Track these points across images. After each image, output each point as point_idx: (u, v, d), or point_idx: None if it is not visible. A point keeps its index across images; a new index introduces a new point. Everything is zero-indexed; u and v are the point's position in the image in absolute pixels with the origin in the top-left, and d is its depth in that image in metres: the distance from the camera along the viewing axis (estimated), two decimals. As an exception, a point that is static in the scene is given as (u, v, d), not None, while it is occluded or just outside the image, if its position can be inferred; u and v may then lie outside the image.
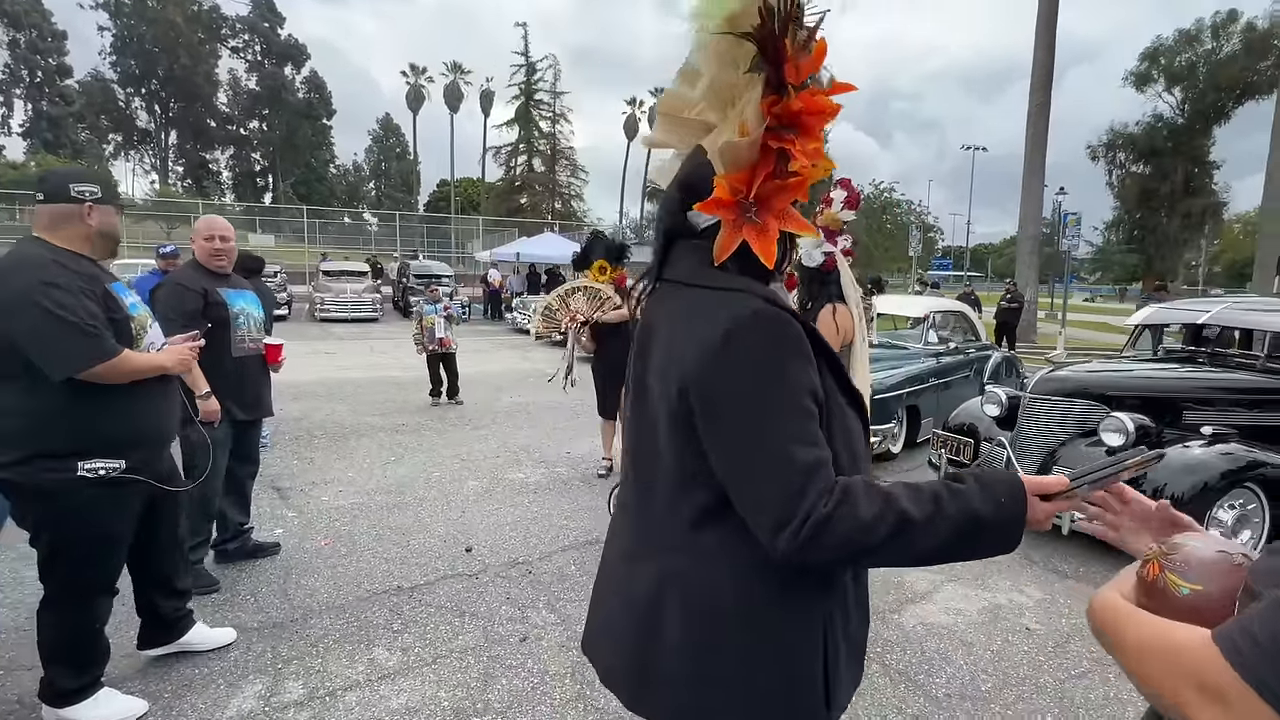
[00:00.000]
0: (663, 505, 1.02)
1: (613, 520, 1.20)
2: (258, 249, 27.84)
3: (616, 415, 5.05)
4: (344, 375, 9.66)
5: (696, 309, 0.97)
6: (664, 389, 0.97)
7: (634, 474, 1.10)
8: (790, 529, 0.84)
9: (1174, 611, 0.68)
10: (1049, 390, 4.21)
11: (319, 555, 3.65)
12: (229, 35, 57.72)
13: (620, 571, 1.12)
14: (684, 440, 0.95)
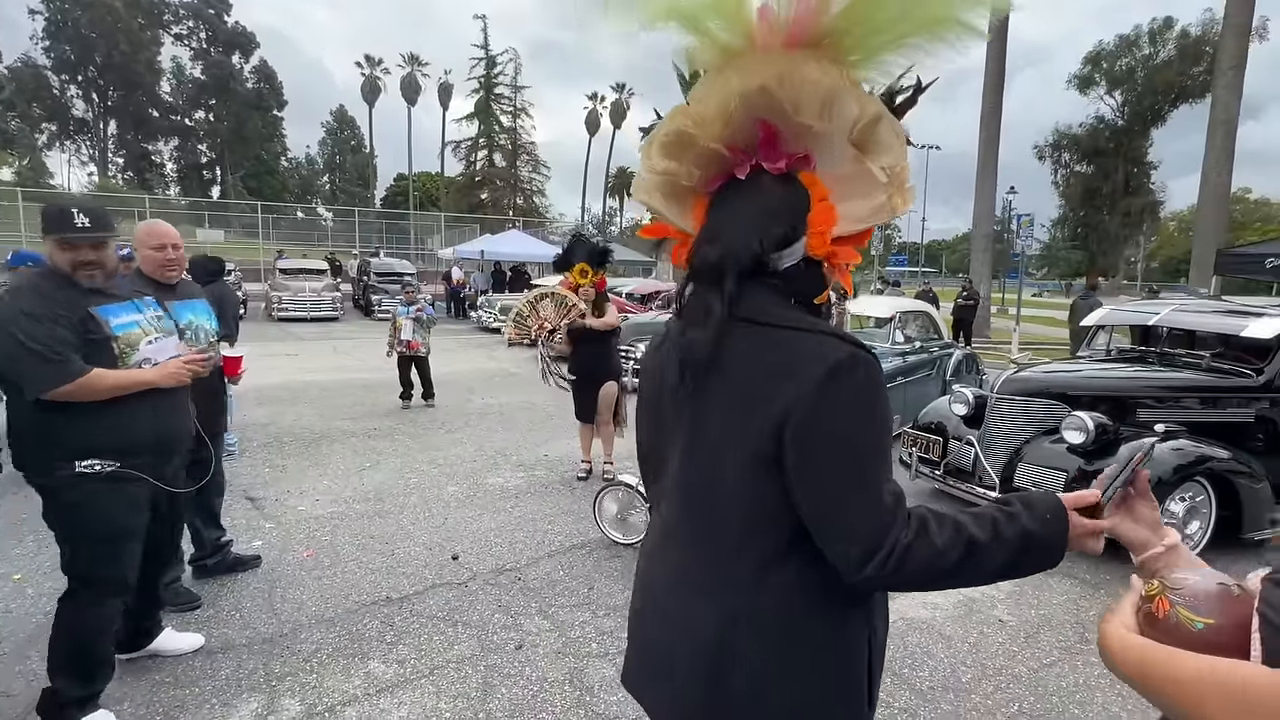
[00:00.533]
0: (729, 544, 1.01)
1: (654, 551, 1.16)
2: (205, 245, 26.89)
3: (594, 420, 5.09)
4: (309, 378, 9.45)
5: (783, 347, 0.97)
6: (745, 427, 0.97)
7: (684, 506, 1.09)
8: (878, 559, 0.89)
9: (1191, 647, 0.71)
10: (1013, 390, 4.40)
11: (302, 567, 3.60)
12: (172, 21, 55.40)
13: (675, 609, 1.08)
14: (768, 479, 0.96)
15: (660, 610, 1.12)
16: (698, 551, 1.06)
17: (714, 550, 1.03)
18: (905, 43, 0.94)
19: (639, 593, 1.20)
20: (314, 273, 19.14)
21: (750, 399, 0.97)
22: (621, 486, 3.95)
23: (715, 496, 1.02)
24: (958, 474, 4.62)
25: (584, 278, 4.86)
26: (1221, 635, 0.72)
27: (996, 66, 21.57)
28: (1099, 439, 3.97)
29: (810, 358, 0.94)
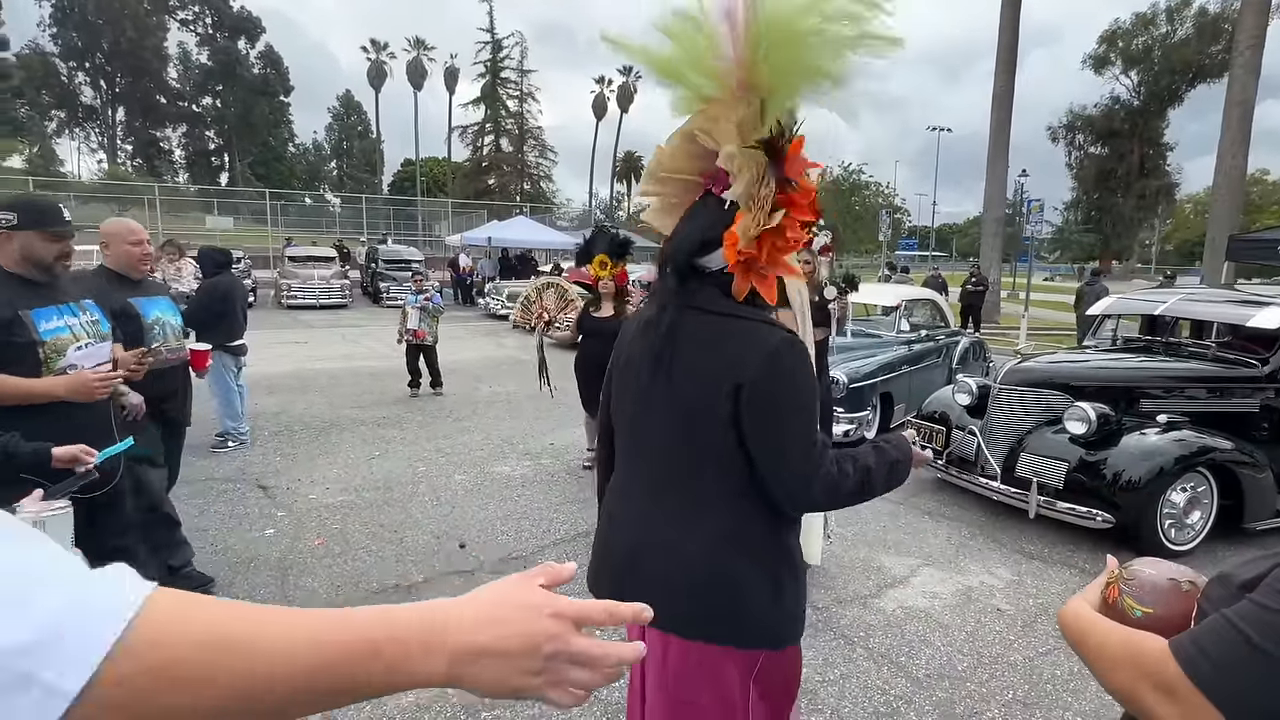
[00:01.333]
0: (710, 480, 1.32)
1: (625, 499, 1.46)
2: (215, 232, 27.04)
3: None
4: (318, 366, 9.55)
5: (730, 332, 1.28)
6: (707, 391, 1.28)
7: (653, 458, 1.40)
8: (815, 488, 1.27)
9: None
10: (1017, 381, 4.42)
11: (314, 555, 3.69)
12: (178, 7, 55.23)
13: (664, 535, 1.36)
14: (731, 430, 1.27)
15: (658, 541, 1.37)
16: (678, 491, 1.36)
17: (697, 487, 1.34)
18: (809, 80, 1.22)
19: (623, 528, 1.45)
20: (323, 260, 19.23)
21: (713, 370, 1.27)
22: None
23: (686, 447, 1.33)
24: (960, 464, 4.65)
25: (604, 270, 4.85)
26: (1158, 624, 0.80)
27: (1009, 47, 21.24)
28: (1101, 429, 3.99)
29: (755, 344, 1.25)
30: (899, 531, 4.24)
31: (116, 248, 2.99)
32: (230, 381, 5.55)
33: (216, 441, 5.56)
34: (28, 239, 2.20)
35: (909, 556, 3.87)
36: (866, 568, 3.71)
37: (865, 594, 3.41)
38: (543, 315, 4.86)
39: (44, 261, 2.24)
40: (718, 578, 1.31)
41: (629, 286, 5.18)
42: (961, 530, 4.27)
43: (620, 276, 4.93)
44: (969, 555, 3.91)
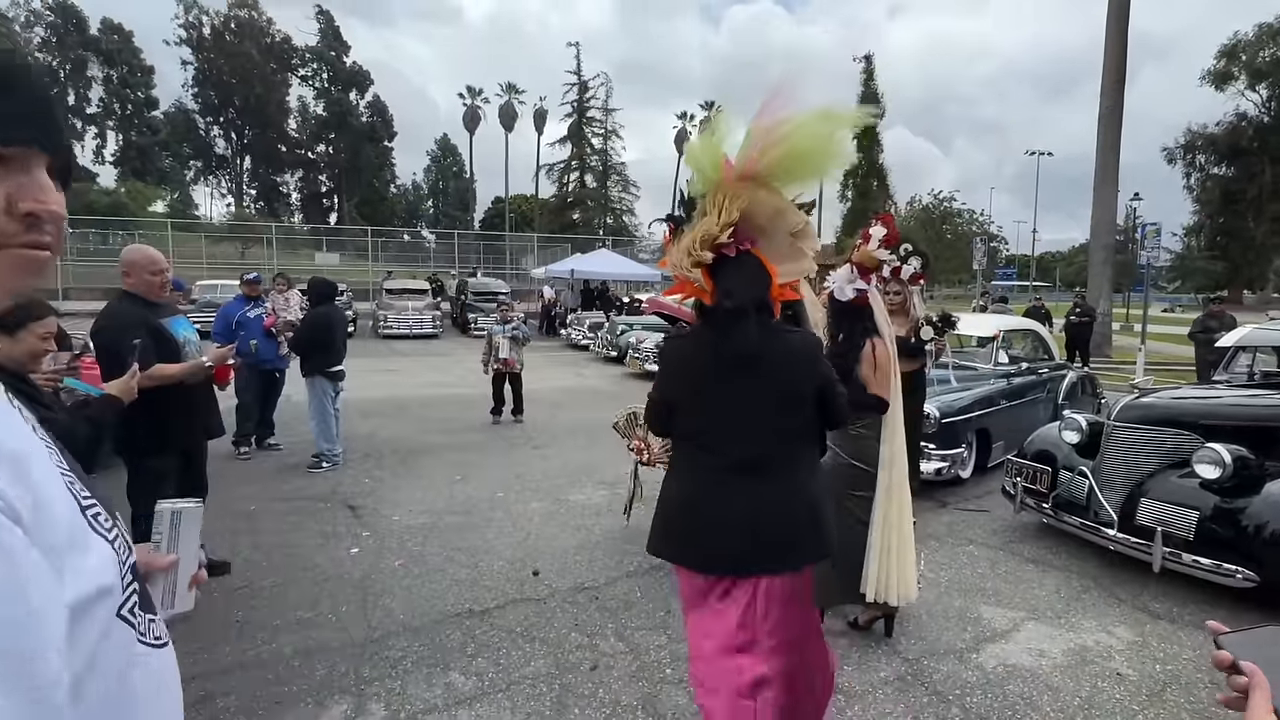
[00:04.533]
0: (791, 448, 1.94)
1: (732, 467, 1.90)
2: (323, 267, 29.12)
3: None
4: (408, 393, 9.98)
5: (796, 341, 1.96)
6: (794, 383, 1.91)
7: (754, 437, 1.90)
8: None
9: None
10: (1135, 418, 4.01)
11: (394, 575, 3.78)
12: (299, 65, 60.77)
13: (770, 490, 1.89)
14: (811, 409, 1.95)
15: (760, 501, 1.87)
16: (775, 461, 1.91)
17: (787, 456, 1.94)
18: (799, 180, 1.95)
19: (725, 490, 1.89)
20: (416, 293, 20.28)
21: (796, 369, 1.92)
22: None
23: (775, 427, 1.91)
24: (1068, 507, 4.24)
25: None
26: None
27: (1115, 65, 20.02)
28: (1238, 474, 3.54)
29: (810, 344, 2.00)
30: (999, 580, 3.89)
31: (138, 276, 3.23)
32: (328, 406, 5.86)
33: (312, 462, 5.86)
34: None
35: (1011, 608, 3.53)
36: (962, 618, 3.41)
37: (961, 647, 3.13)
38: (641, 449, 4.46)
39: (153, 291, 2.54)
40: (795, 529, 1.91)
41: None
42: (1072, 582, 3.87)
43: None
44: (1082, 610, 3.53)
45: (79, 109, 55.30)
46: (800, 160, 1.84)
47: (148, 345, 3.01)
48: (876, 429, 3.05)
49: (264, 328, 6.24)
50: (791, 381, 1.89)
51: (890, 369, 3.02)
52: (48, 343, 2.26)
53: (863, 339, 2.95)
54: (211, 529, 4.28)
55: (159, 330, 3.18)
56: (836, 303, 3.02)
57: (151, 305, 3.27)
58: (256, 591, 3.54)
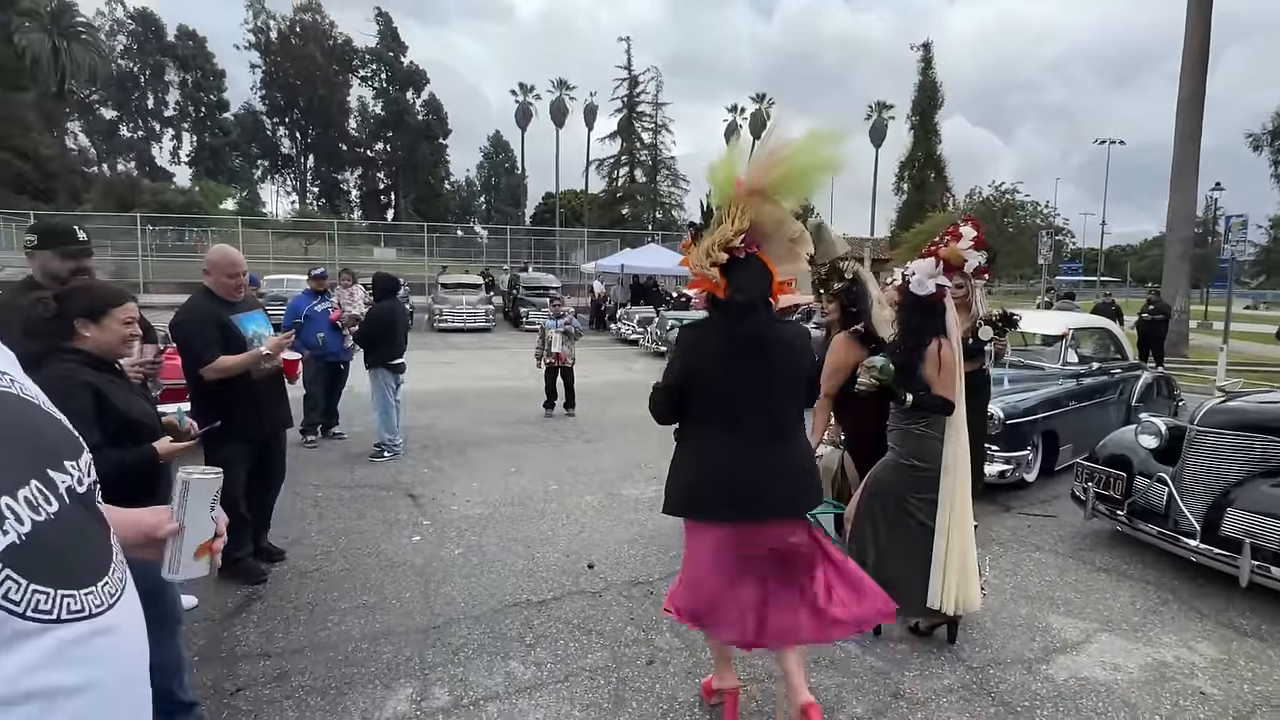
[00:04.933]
0: (795, 415, 2.38)
1: (749, 435, 2.27)
2: (381, 262, 30.01)
3: None
4: (463, 385, 10.21)
5: (790, 330, 2.42)
6: (797, 364, 2.35)
7: (765, 409, 2.28)
8: None
9: None
10: (1221, 423, 3.78)
11: (454, 564, 3.88)
12: (359, 65, 62.65)
13: (779, 451, 2.30)
14: (803, 386, 2.44)
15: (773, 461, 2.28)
16: (781, 426, 2.32)
17: (787, 420, 2.35)
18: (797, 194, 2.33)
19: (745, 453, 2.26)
20: (470, 287, 20.69)
21: (796, 353, 2.34)
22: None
23: (785, 397, 2.33)
24: (1145, 515, 4.05)
25: None
26: None
27: (1197, 47, 18.83)
28: (1339, 485, 3.31)
29: (803, 333, 2.47)
30: (1068, 588, 3.74)
31: (217, 277, 3.42)
32: (390, 398, 6.05)
33: (375, 452, 6.06)
34: (46, 258, 2.63)
35: (1082, 618, 3.39)
36: (1030, 627, 3.29)
37: (1029, 657, 3.02)
38: None
39: (58, 274, 2.62)
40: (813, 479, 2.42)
41: None
42: (1149, 593, 3.69)
43: None
44: (1160, 624, 3.36)
45: (157, 112, 58.42)
46: (798, 178, 2.26)
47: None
48: (939, 427, 2.97)
49: (330, 321, 6.48)
50: (790, 363, 2.31)
51: (956, 370, 2.94)
52: (131, 327, 2.38)
53: (929, 337, 2.88)
54: (284, 514, 4.49)
55: (228, 326, 3.37)
56: (911, 296, 2.95)
57: (227, 303, 3.44)
58: (326, 575, 3.69)
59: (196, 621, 3.15)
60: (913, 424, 2.94)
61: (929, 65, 52.07)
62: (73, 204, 41.04)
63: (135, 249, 25.83)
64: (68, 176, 46.28)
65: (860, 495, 3.09)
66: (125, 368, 2.56)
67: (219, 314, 3.38)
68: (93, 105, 53.24)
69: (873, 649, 3.04)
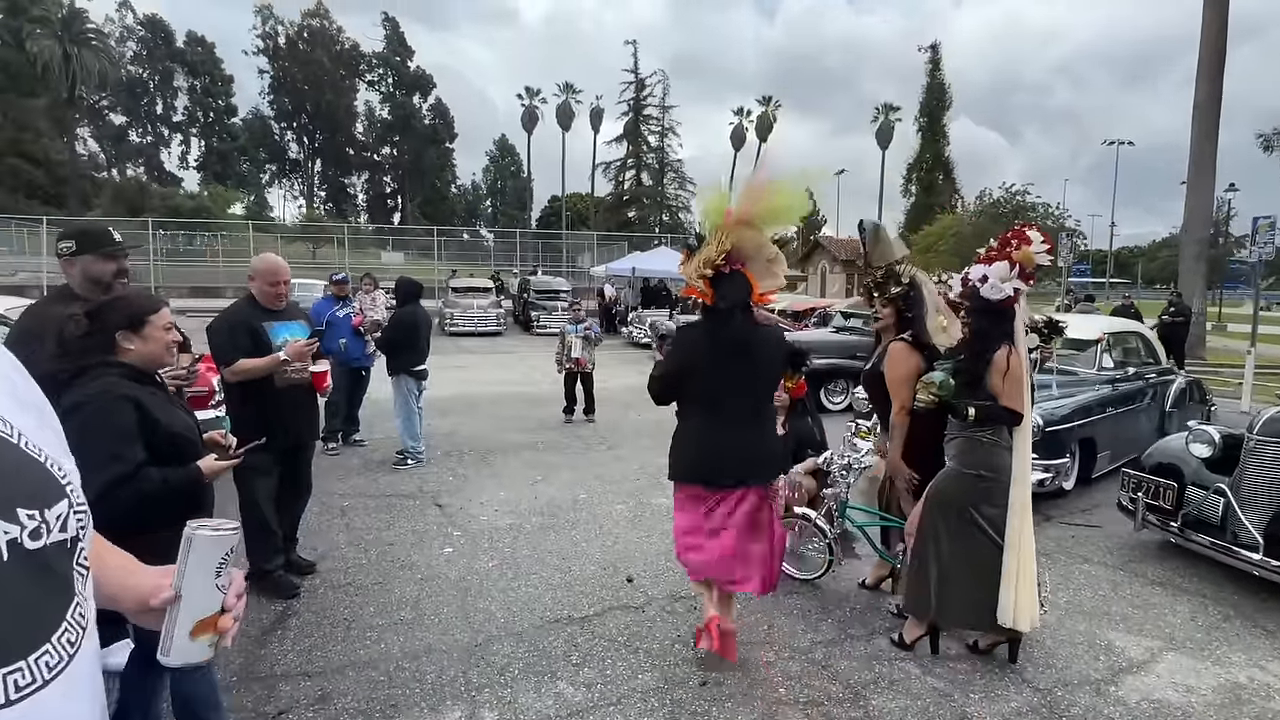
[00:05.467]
0: (768, 400, 3.00)
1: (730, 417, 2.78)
2: (389, 266, 30.01)
3: None
4: (479, 389, 10.13)
5: (766, 332, 2.88)
6: (774, 360, 2.90)
7: (745, 396, 2.79)
8: None
9: None
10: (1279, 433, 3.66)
11: (488, 577, 3.78)
12: (366, 70, 62.89)
13: (754, 432, 2.82)
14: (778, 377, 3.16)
15: (746, 436, 2.78)
16: (758, 408, 2.87)
17: (763, 403, 2.94)
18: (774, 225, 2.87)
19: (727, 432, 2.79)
20: (481, 290, 20.63)
21: (774, 350, 2.88)
22: (798, 519, 3.76)
23: (764, 386, 2.89)
24: (1199, 527, 3.92)
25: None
26: None
27: (1213, 48, 18.65)
28: None
29: (778, 335, 2.99)
30: (1123, 603, 3.62)
31: (260, 284, 3.40)
32: (412, 404, 5.97)
33: (398, 459, 5.98)
34: (88, 262, 2.55)
35: (1144, 636, 3.27)
36: (1091, 645, 3.17)
37: (1096, 678, 2.90)
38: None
39: (102, 278, 2.55)
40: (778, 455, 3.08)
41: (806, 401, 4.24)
42: (1208, 608, 3.57)
43: (799, 389, 4.06)
44: (1225, 641, 3.24)
45: (166, 118, 58.71)
46: (776, 213, 2.79)
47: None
48: (1006, 436, 2.86)
49: (352, 326, 6.40)
50: (768, 359, 2.86)
51: (1024, 379, 2.83)
52: (172, 333, 2.30)
53: (998, 344, 2.77)
54: (311, 525, 4.41)
55: (258, 332, 3.34)
56: (982, 301, 2.84)
57: (267, 310, 3.41)
58: (360, 589, 3.60)
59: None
60: (978, 434, 2.83)
61: (937, 67, 51.96)
62: (83, 209, 41.25)
63: (146, 254, 25.88)
64: (77, 182, 46.58)
65: (923, 507, 2.98)
66: (163, 378, 2.47)
67: (251, 320, 3.35)
68: (102, 111, 53.56)
69: (932, 669, 2.93)
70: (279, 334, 3.43)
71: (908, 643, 3.05)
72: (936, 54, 51.84)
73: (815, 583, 3.75)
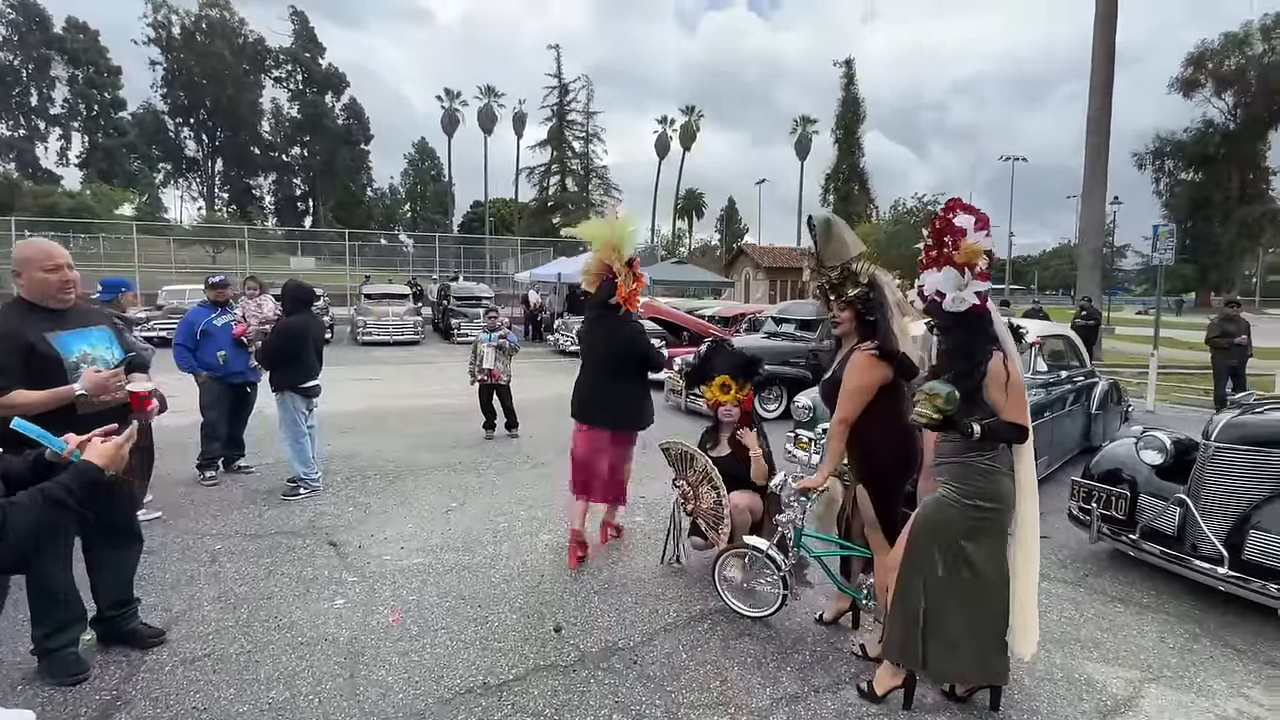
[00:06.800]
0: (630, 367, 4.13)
1: (593, 376, 4.17)
2: (299, 272, 28.12)
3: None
4: (390, 404, 9.29)
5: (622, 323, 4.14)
6: (623, 340, 4.09)
7: (599, 363, 4.16)
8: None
9: None
10: (1242, 438, 3.53)
11: (388, 635, 3.15)
12: (273, 66, 59.37)
13: (615, 389, 4.09)
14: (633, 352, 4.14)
15: (605, 389, 4.10)
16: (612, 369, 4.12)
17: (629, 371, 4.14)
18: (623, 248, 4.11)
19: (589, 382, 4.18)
20: (397, 297, 19.48)
21: (620, 334, 4.11)
22: (747, 550, 3.34)
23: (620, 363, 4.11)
24: (1152, 537, 3.77)
25: (726, 394, 3.90)
26: None
27: (1103, 68, 19.96)
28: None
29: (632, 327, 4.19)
30: (1090, 626, 3.39)
31: (29, 274, 2.56)
32: (301, 425, 5.20)
33: (288, 489, 5.20)
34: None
35: (1121, 665, 3.02)
36: (1071, 681, 2.88)
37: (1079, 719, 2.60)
38: (687, 495, 3.77)
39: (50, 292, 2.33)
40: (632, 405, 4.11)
41: (755, 413, 4.23)
42: (1174, 627, 3.38)
43: (747, 400, 3.92)
44: (1201, 666, 3.03)
45: (42, 110, 53.52)
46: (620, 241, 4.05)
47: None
48: (1006, 460, 2.50)
49: (234, 336, 5.56)
50: (618, 339, 4.05)
51: (1024, 388, 2.50)
52: None
53: (987, 353, 2.42)
54: (169, 576, 3.64)
55: (32, 347, 2.51)
56: (948, 316, 2.48)
57: (51, 312, 2.60)
58: (222, 662, 2.89)
59: None
60: (976, 457, 2.45)
61: (851, 81, 54.05)
62: (-63, 207, 36.74)
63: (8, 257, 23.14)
64: (-68, 177, 41.52)
65: (908, 540, 2.59)
66: None
67: (24, 332, 2.52)
68: (-38, 100, 48.18)
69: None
70: (71, 347, 2.61)
71: (879, 695, 2.66)
72: (851, 69, 53.95)
73: (767, 620, 3.33)
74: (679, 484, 3.84)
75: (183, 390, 6.17)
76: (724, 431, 4.02)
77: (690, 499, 3.77)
